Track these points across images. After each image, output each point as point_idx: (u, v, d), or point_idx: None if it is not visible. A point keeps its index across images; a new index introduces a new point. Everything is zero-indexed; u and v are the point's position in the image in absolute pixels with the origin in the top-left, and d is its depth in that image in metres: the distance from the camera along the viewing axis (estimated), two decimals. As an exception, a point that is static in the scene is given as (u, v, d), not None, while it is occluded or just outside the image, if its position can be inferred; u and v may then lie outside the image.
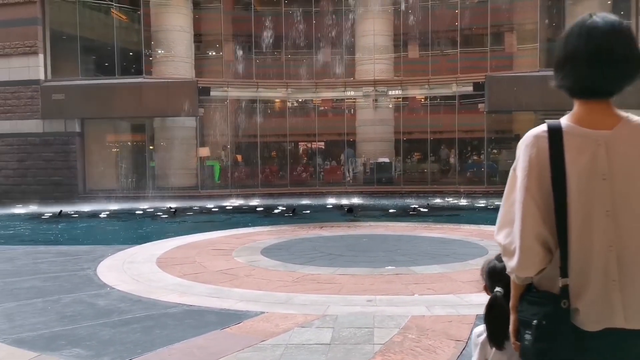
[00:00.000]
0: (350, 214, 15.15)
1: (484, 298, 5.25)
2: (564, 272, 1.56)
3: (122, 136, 24.59)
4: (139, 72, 22.49)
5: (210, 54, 26.68)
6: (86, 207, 17.80)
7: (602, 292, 1.54)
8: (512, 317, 1.70)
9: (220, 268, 6.97)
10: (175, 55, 22.24)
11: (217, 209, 17.17)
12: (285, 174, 23.95)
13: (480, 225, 11.03)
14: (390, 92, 22.72)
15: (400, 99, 24.24)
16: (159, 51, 22.42)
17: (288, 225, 11.97)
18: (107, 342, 4.13)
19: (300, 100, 25.18)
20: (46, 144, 21.57)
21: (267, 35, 24.30)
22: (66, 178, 21.50)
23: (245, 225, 12.29)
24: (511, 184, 1.68)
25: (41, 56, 21.55)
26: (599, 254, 1.54)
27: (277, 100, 25.60)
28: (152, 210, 16.78)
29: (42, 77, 21.57)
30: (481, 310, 1.91)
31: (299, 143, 27.85)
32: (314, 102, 25.11)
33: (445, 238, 9.37)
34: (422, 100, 24.56)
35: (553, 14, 23.41)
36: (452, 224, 11.63)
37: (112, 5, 22.80)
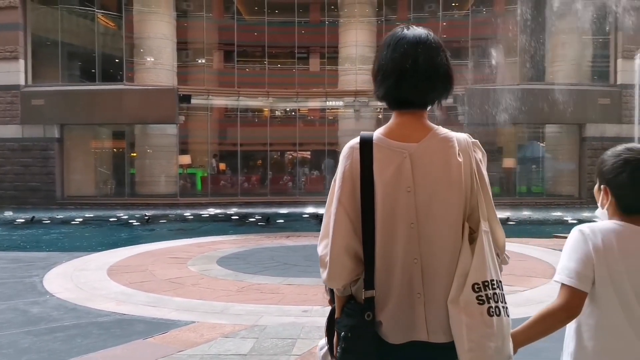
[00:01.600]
0: (324, 223, 15.09)
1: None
2: (369, 284, 1.55)
3: (102, 143, 24.52)
4: (120, 79, 22.45)
5: (193, 61, 26.66)
6: (61, 214, 17.65)
7: (406, 305, 1.53)
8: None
9: (170, 277, 6.92)
10: (157, 62, 22.23)
11: (192, 217, 17.09)
12: (266, 183, 23.92)
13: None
14: (370, 103, 22.76)
15: (381, 110, 24.29)
16: (143, 58, 22.39)
17: (256, 234, 11.92)
18: (24, 351, 4.08)
19: (285, 109, 25.25)
20: (25, 150, 21.43)
21: (250, 45, 24.39)
22: (44, 184, 21.37)
23: (214, 233, 12.21)
24: (331, 196, 1.67)
25: (22, 61, 21.47)
26: (404, 267, 1.53)
27: (263, 109, 25.65)
28: (127, 217, 16.67)
29: (22, 82, 21.49)
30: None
31: (281, 152, 27.87)
32: (300, 111, 25.15)
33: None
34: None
35: (534, 27, 23.59)
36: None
37: (95, 11, 22.73)
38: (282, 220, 16.10)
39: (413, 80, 1.56)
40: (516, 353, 1.70)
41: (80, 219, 16.26)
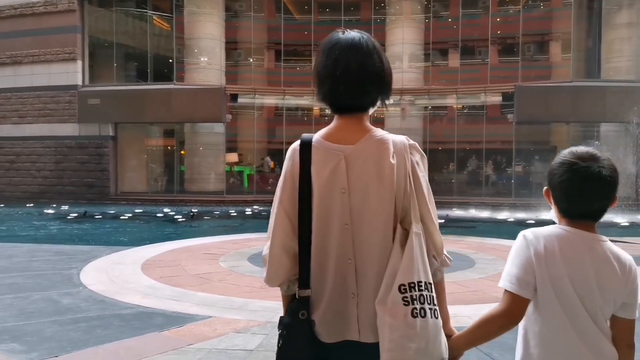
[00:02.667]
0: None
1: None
2: (304, 284, 1.59)
3: (154, 141, 25.28)
4: (171, 79, 23.09)
5: (242, 61, 27.13)
6: (113, 209, 18.35)
7: (340, 305, 1.56)
8: None
9: (199, 272, 7.10)
10: (206, 62, 22.75)
11: (235, 214, 17.41)
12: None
13: (485, 239, 10.83)
14: (417, 101, 22.54)
15: (431, 109, 24.02)
16: (192, 58, 22.96)
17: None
18: (46, 339, 4.30)
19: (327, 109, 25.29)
20: (81, 147, 22.40)
21: (297, 44, 24.60)
22: (99, 180, 22.27)
23: (254, 231, 12.42)
24: (276, 196, 1.71)
25: (79, 62, 22.43)
26: (338, 267, 1.56)
27: (309, 108, 25.84)
28: (173, 213, 17.15)
29: (79, 82, 22.45)
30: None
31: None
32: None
33: (441, 250, 9.24)
34: (455, 109, 24.22)
35: (588, 23, 22.75)
36: (458, 235, 11.44)
37: (147, 12, 23.49)
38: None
39: (345, 85, 1.59)
40: (461, 355, 1.70)
41: (130, 215, 16.86)
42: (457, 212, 18.30)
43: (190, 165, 23.04)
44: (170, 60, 23.74)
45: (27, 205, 19.87)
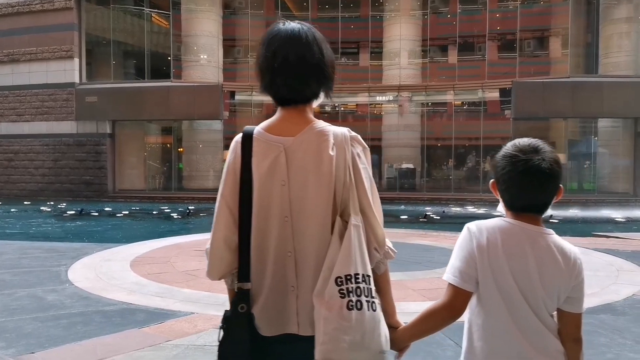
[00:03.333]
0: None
1: (415, 306, 5.23)
2: (243, 277, 1.57)
3: (152, 138, 25.30)
4: (168, 76, 23.08)
5: (240, 58, 27.09)
6: (109, 207, 18.36)
7: (279, 298, 1.55)
8: None
9: (187, 269, 7.10)
10: (203, 60, 22.74)
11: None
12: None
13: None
14: (414, 98, 22.50)
15: (430, 105, 23.97)
16: (190, 56, 22.94)
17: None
18: (25, 335, 4.30)
19: (326, 105, 25.25)
20: (79, 145, 22.42)
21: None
22: (96, 178, 22.29)
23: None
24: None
25: (76, 60, 22.43)
26: (278, 260, 1.55)
27: (321, 104, 25.77)
28: (169, 211, 17.16)
29: (77, 80, 22.46)
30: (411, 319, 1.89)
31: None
32: (343, 106, 25.16)
33: (432, 246, 9.24)
34: (453, 105, 24.17)
35: (586, 18, 22.66)
36: (452, 232, 11.42)
37: (144, 10, 23.48)
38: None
39: (284, 77, 1.58)
40: (407, 348, 1.69)
41: (126, 212, 16.87)
42: (453, 209, 18.29)
43: (188, 163, 23.06)
44: (169, 58, 23.75)
45: (25, 203, 19.91)
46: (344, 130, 1.61)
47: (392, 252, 1.64)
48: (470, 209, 18.35)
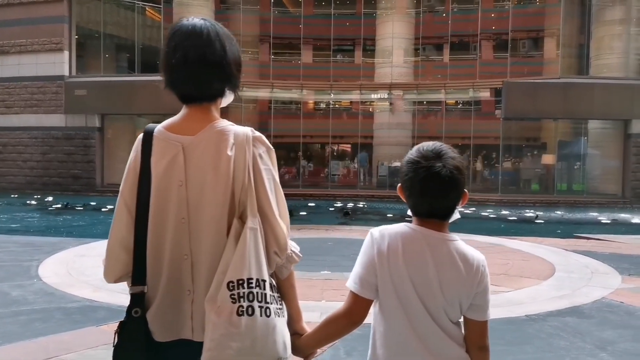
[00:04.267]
0: (347, 217, 15.05)
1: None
2: (138, 280, 1.53)
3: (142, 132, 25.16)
4: (158, 70, 22.92)
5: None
6: (95, 201, 18.27)
7: (175, 302, 1.51)
8: None
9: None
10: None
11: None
12: (298, 176, 24.02)
13: (460, 234, 10.74)
14: (405, 96, 22.47)
15: (422, 103, 23.95)
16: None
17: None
18: (-20, 332, 4.24)
19: (320, 102, 25.26)
20: (68, 138, 22.29)
21: (286, 37, 24.50)
22: (85, 172, 22.19)
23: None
24: None
25: (66, 53, 22.29)
26: (173, 263, 1.51)
27: (298, 101, 25.74)
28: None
29: (66, 73, 22.32)
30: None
31: (314, 145, 27.95)
32: (335, 104, 25.12)
33: (412, 245, 9.20)
34: (444, 104, 24.15)
35: (579, 20, 22.64)
36: (434, 231, 11.37)
37: (135, 3, 23.34)
38: (305, 213, 16.11)
39: (184, 74, 1.55)
40: (313, 355, 1.66)
41: (111, 207, 16.73)
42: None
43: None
44: (153, 51, 23.59)
45: (12, 196, 19.79)
46: (246, 130, 1.57)
47: (296, 256, 1.60)
48: (460, 209, 18.27)
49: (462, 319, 1.58)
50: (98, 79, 22.45)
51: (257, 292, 1.44)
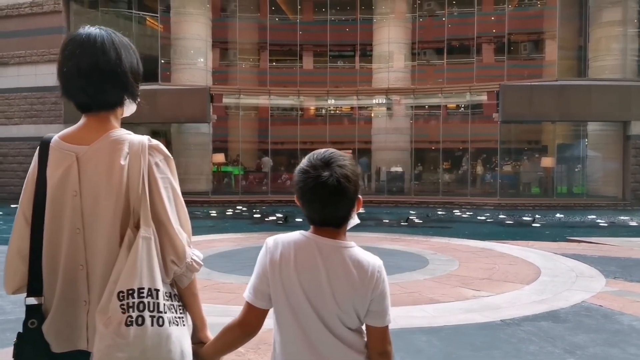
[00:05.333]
0: (342, 223, 14.99)
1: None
2: (33, 290, 1.53)
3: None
4: (157, 79, 23.05)
5: (228, 61, 27.15)
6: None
7: (70, 313, 1.51)
8: None
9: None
10: (192, 62, 22.72)
11: (216, 215, 17.38)
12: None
13: (452, 239, 10.73)
14: (403, 101, 22.45)
15: (419, 107, 23.92)
16: (178, 59, 22.92)
17: (264, 232, 11.99)
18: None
19: (322, 108, 25.30)
20: (67, 148, 22.35)
21: (283, 43, 24.58)
22: (84, 181, 22.22)
23: (226, 231, 12.43)
24: None
25: (65, 63, 22.38)
26: (68, 273, 1.51)
27: (310, 107, 25.78)
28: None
29: (65, 83, 22.42)
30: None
31: (312, 151, 27.98)
32: (332, 109, 25.16)
33: (399, 250, 9.17)
34: (441, 108, 24.10)
35: (576, 21, 22.57)
36: (425, 236, 11.35)
37: (132, 13, 23.48)
38: (301, 220, 16.09)
39: (78, 83, 1.55)
40: None
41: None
42: (439, 213, 18.22)
43: (177, 166, 22.80)
44: (163, 61, 23.73)
45: (12, 206, 19.88)
46: (142, 139, 1.57)
47: (196, 265, 1.60)
48: (457, 213, 18.25)
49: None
50: (96, 88, 22.57)
51: (148, 302, 1.43)
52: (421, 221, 15.49)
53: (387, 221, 15.75)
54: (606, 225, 14.76)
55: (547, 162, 22.10)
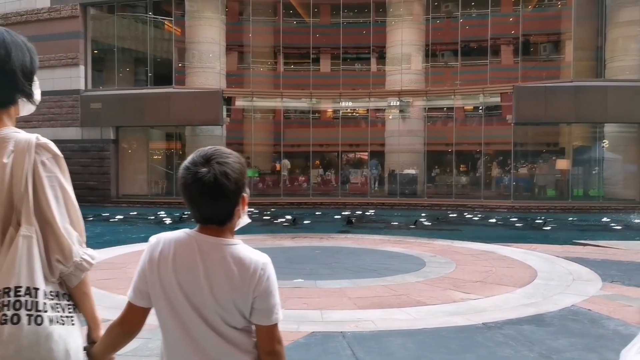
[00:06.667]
0: (350, 225, 14.98)
1: (339, 315, 5.20)
2: None
3: (155, 144, 25.50)
4: (171, 82, 23.29)
5: (243, 64, 27.30)
6: (108, 212, 18.59)
7: None
8: None
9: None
10: (207, 66, 22.90)
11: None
12: (309, 185, 24.04)
13: (455, 242, 10.64)
14: (415, 103, 22.32)
15: (430, 110, 23.77)
16: (192, 62, 23.13)
17: (266, 235, 12.02)
18: None
19: (334, 111, 25.30)
20: (83, 151, 22.71)
21: (295, 46, 24.66)
22: (100, 183, 22.57)
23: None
24: None
25: (82, 67, 22.79)
26: None
27: (323, 110, 25.76)
28: (165, 215, 17.27)
29: (82, 87, 22.81)
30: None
31: (325, 153, 27.99)
32: (345, 112, 25.14)
33: (400, 253, 9.11)
34: (455, 110, 23.89)
35: (595, 22, 22.18)
36: (430, 238, 11.26)
37: (147, 17, 23.76)
38: (309, 221, 16.12)
39: None
40: None
41: (121, 217, 17.03)
42: (450, 215, 18.06)
43: (190, 168, 23.21)
44: (180, 65, 23.95)
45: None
46: (29, 137, 1.57)
47: (87, 264, 1.60)
48: (468, 215, 18.06)
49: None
50: (112, 92, 22.90)
51: (25, 301, 1.44)
52: (430, 224, 15.38)
53: (395, 224, 15.66)
54: (619, 228, 14.48)
55: (563, 165, 21.76)
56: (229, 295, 1.48)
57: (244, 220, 1.59)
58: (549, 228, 14.32)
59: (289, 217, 16.49)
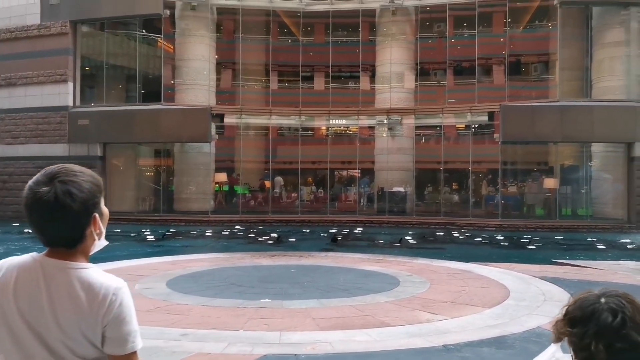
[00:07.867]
0: (335, 243, 14.88)
1: (299, 336, 5.11)
2: None
3: (143, 160, 25.45)
4: (160, 99, 23.31)
5: (233, 82, 27.36)
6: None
7: None
8: None
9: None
10: (195, 83, 22.94)
11: (210, 234, 17.35)
12: (297, 202, 23.96)
13: (435, 261, 10.56)
14: (404, 121, 22.37)
15: (419, 128, 23.83)
16: (181, 79, 23.17)
17: (245, 253, 11.92)
18: None
19: (323, 129, 25.34)
20: (71, 167, 22.61)
21: (285, 64, 24.76)
22: (87, 200, 22.41)
23: (214, 251, 12.39)
24: None
25: (70, 84, 22.78)
26: None
27: (312, 127, 25.80)
28: (148, 233, 17.14)
29: (70, 103, 22.79)
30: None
31: (314, 171, 27.96)
32: (333, 129, 25.16)
33: (377, 272, 9.02)
34: (443, 128, 23.95)
35: (582, 42, 22.32)
36: (410, 257, 11.17)
37: (137, 34, 23.84)
38: (294, 239, 16.01)
39: None
40: None
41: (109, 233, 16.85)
42: (437, 234, 17.98)
43: (179, 185, 23.15)
44: (172, 82, 23.97)
45: (14, 224, 20.10)
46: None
47: None
48: (455, 234, 17.98)
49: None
50: (100, 108, 22.88)
51: None
52: (415, 242, 15.29)
53: (380, 242, 15.56)
54: (603, 247, 14.42)
55: (550, 183, 21.77)
56: (76, 323, 1.38)
57: (101, 242, 1.52)
58: (533, 247, 14.24)
59: (274, 235, 16.38)
